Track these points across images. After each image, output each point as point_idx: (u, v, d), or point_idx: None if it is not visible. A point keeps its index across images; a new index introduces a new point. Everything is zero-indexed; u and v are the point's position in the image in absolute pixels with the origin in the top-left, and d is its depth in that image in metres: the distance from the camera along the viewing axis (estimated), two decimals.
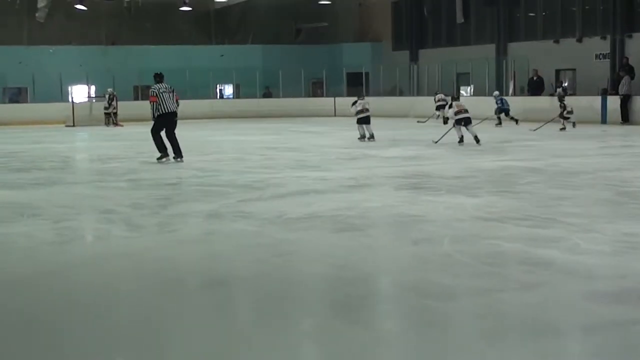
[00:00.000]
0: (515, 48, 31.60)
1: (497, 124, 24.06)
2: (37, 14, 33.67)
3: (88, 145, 21.72)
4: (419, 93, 34.50)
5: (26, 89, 34.18)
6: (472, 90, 32.62)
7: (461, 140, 17.15)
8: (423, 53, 36.31)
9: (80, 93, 34.43)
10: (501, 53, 32.12)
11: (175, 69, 34.72)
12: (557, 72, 29.97)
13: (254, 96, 35.98)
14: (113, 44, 37.10)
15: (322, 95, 36.68)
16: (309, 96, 37.49)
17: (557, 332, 4.35)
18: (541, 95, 27.99)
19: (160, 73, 14.74)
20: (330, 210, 8.34)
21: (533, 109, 25.79)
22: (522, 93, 30.22)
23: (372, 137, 18.59)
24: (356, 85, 35.84)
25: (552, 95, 27.05)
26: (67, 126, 28.93)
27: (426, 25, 36.52)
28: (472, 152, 15.56)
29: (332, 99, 34.84)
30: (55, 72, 32.57)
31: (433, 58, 34.55)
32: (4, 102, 34.20)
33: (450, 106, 17.87)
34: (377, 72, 36.30)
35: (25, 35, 36.51)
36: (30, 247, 6.83)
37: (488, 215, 7.92)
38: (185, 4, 35.57)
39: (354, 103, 19.03)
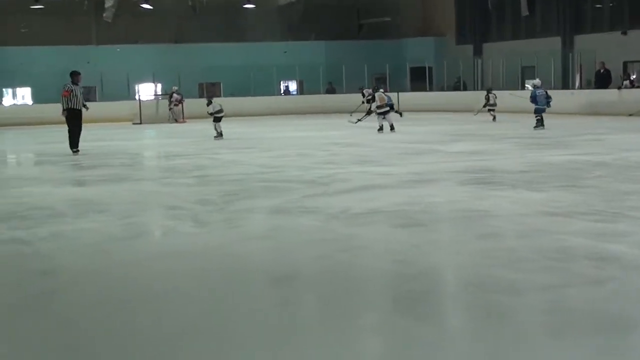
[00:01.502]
0: (582, 40, 31.13)
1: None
2: (104, 14, 34.23)
3: (155, 142, 22.05)
4: (483, 87, 34.19)
5: (94, 88, 34.75)
6: None
7: (380, 128, 20.52)
8: (487, 47, 36.00)
9: (146, 91, 35.00)
10: (567, 46, 31.67)
11: (239, 66, 35.11)
12: (625, 64, 29.42)
13: (317, 92, 36.07)
14: (177, 42, 37.55)
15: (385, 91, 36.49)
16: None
17: (626, 327, 4.29)
18: (608, 89, 27.48)
19: (72, 71, 17.20)
20: (394, 205, 8.35)
21: (600, 102, 25.39)
22: (588, 86, 29.75)
23: (221, 134, 19.86)
24: (420, 80, 35.68)
25: (619, 88, 26.56)
26: (134, 124, 29.43)
27: (490, 18, 36.20)
28: (537, 146, 15.40)
29: (396, 94, 34.68)
30: (123, 71, 33.11)
31: (497, 52, 34.23)
32: None
33: (374, 98, 21.17)
34: (440, 67, 36.11)
35: (93, 36, 37.21)
36: (97, 242, 6.92)
37: (553, 210, 7.83)
38: (249, 2, 35.82)
39: (209, 104, 20.50)
